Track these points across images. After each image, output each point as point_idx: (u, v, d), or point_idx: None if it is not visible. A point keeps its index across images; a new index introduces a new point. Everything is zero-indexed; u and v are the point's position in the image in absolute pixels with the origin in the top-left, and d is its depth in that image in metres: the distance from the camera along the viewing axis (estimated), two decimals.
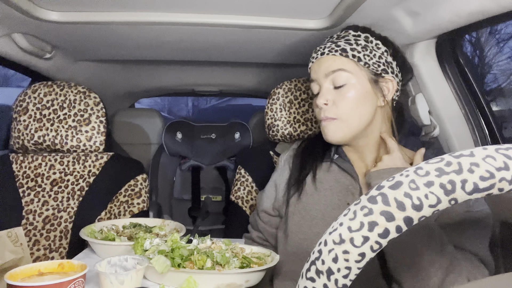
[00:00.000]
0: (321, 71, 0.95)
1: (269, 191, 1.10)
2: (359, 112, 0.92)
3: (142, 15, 1.19)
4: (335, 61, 0.93)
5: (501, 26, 3.72)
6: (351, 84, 0.92)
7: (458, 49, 1.17)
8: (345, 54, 0.92)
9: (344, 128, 0.93)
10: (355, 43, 0.94)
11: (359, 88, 0.92)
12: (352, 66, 0.92)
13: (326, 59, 0.95)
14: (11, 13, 1.10)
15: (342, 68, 0.92)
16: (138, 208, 1.28)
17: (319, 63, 0.96)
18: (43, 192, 1.29)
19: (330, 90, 0.94)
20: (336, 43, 0.94)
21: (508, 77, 3.86)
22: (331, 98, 0.93)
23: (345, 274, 0.37)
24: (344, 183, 0.96)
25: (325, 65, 0.94)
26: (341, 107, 0.92)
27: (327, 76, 0.94)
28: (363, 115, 0.93)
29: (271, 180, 1.11)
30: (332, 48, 0.94)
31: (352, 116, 0.92)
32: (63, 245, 1.27)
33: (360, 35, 0.95)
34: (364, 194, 0.93)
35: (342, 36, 0.97)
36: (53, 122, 1.30)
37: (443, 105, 1.18)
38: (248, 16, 1.20)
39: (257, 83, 2.27)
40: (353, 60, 0.92)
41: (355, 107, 0.92)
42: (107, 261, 0.78)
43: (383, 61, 0.94)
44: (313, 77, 0.97)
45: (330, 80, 0.94)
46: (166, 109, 10.74)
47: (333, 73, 0.93)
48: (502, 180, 0.35)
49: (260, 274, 0.83)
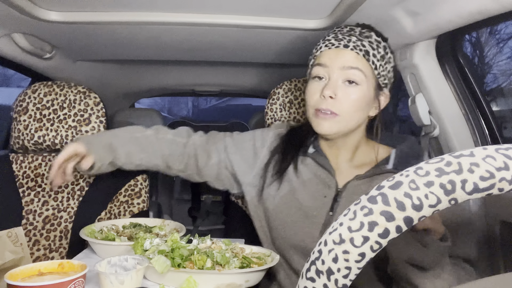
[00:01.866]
0: (338, 61, 0.92)
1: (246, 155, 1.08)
2: (358, 115, 0.94)
3: (142, 15, 1.19)
4: (357, 59, 0.92)
5: (501, 26, 3.72)
6: (361, 87, 0.92)
7: (458, 49, 1.17)
8: (367, 58, 0.92)
9: (341, 126, 0.93)
10: (377, 49, 0.94)
11: (366, 93, 0.93)
12: (368, 71, 0.93)
13: (348, 52, 0.93)
14: (11, 13, 1.10)
15: (360, 69, 0.92)
16: (138, 208, 1.28)
17: (338, 52, 0.93)
18: (43, 192, 1.29)
19: (339, 84, 0.92)
20: (361, 41, 0.93)
21: (508, 77, 3.86)
22: (339, 92, 0.92)
23: (345, 274, 0.37)
24: (320, 176, 0.98)
25: (345, 58, 0.92)
26: (345, 105, 0.92)
27: (343, 69, 0.92)
28: (359, 118, 0.95)
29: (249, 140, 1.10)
30: (357, 45, 0.92)
31: (351, 117, 0.93)
32: (63, 245, 1.27)
33: (380, 42, 0.95)
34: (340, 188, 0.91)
35: (366, 36, 0.94)
36: (53, 122, 1.30)
37: (443, 105, 1.18)
38: (248, 16, 1.20)
39: (257, 83, 2.27)
40: (371, 66, 0.93)
41: (356, 109, 0.93)
42: (107, 261, 0.78)
43: (389, 76, 0.96)
44: (325, 62, 0.94)
45: (344, 74, 0.92)
46: (166, 109, 10.74)
47: (350, 69, 0.92)
48: (502, 180, 0.35)
49: (260, 274, 0.83)
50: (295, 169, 1.01)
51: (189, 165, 1.13)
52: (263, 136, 1.09)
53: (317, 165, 0.99)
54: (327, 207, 0.95)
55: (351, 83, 0.92)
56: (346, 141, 0.99)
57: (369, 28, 0.97)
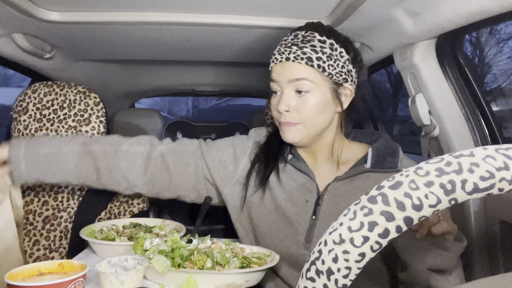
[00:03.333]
0: (284, 76, 0.93)
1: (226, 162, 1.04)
2: (320, 119, 0.94)
3: (142, 15, 1.19)
4: (300, 69, 0.92)
5: (501, 26, 3.72)
6: (314, 93, 0.92)
7: (458, 49, 1.17)
8: (311, 64, 0.91)
9: (304, 132, 0.94)
10: (321, 51, 0.92)
11: (321, 97, 0.93)
12: (316, 76, 0.92)
13: (291, 65, 0.92)
14: (11, 13, 1.10)
15: (306, 78, 0.91)
16: (138, 208, 1.28)
17: (283, 67, 0.94)
18: (43, 192, 1.29)
19: (291, 96, 0.93)
20: (302, 49, 0.92)
21: (508, 77, 3.86)
22: (293, 104, 0.93)
23: (345, 274, 0.37)
24: (301, 181, 0.98)
25: (289, 71, 0.92)
26: (302, 113, 0.92)
27: (290, 82, 0.92)
28: (323, 121, 0.95)
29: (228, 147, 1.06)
30: (297, 55, 0.91)
31: (312, 122, 0.94)
32: (63, 245, 1.27)
33: (325, 41, 0.93)
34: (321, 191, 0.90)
35: (308, 40, 0.93)
36: (53, 122, 1.30)
37: (443, 105, 1.18)
38: (248, 16, 1.20)
39: (257, 83, 2.27)
40: (318, 70, 0.92)
41: (316, 115, 0.93)
42: (107, 261, 0.78)
43: (344, 70, 0.94)
44: (275, 78, 0.95)
45: (292, 86, 0.93)
46: (166, 109, 10.75)
47: (296, 81, 0.92)
48: (502, 180, 0.35)
49: (260, 274, 0.83)
50: (276, 177, 1.00)
51: (157, 178, 1.05)
52: (243, 143, 1.07)
53: (297, 171, 0.99)
54: (309, 212, 0.95)
55: (302, 92, 0.92)
56: (320, 143, 0.99)
57: (313, 28, 0.95)
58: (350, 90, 0.96)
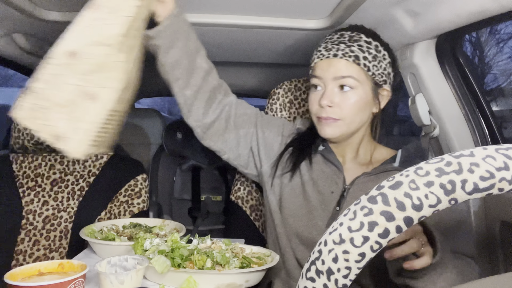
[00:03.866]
0: (330, 72, 0.96)
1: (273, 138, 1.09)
2: (359, 117, 0.98)
3: None
4: (347, 67, 0.95)
5: (501, 26, 3.72)
6: (357, 91, 0.95)
7: (458, 49, 1.17)
8: (357, 62, 0.95)
9: (344, 129, 0.98)
10: (367, 51, 0.96)
11: (363, 95, 0.96)
12: (361, 75, 0.95)
13: (338, 61, 0.96)
14: (11, 13, 1.10)
15: (352, 76, 0.95)
16: (138, 208, 1.28)
17: (329, 63, 0.97)
18: (43, 192, 1.29)
19: (335, 92, 0.96)
20: (350, 47, 0.95)
21: (508, 77, 3.86)
22: (336, 100, 0.96)
23: (345, 274, 0.37)
24: (329, 172, 1.02)
25: (336, 67, 0.96)
26: (344, 110, 0.96)
27: (336, 79, 0.96)
28: (361, 120, 0.99)
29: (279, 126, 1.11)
30: (345, 53, 0.95)
31: (353, 120, 0.97)
32: (63, 245, 1.27)
33: (371, 42, 0.97)
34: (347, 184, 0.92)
35: (355, 40, 0.97)
36: None
37: (443, 105, 1.18)
38: (248, 16, 1.20)
39: (257, 83, 2.27)
40: (363, 69, 0.95)
41: (357, 112, 0.97)
42: (107, 261, 0.78)
43: (386, 72, 0.99)
44: (319, 74, 0.98)
45: (337, 83, 0.96)
46: (166, 109, 10.74)
47: (342, 78, 0.95)
48: (502, 180, 0.35)
49: (260, 274, 0.83)
50: (307, 165, 1.04)
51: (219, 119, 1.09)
52: (290, 128, 1.12)
53: (326, 162, 1.03)
54: (334, 202, 0.98)
55: (345, 88, 0.95)
56: (350, 141, 1.02)
57: (359, 30, 0.99)
58: (387, 92, 1.00)
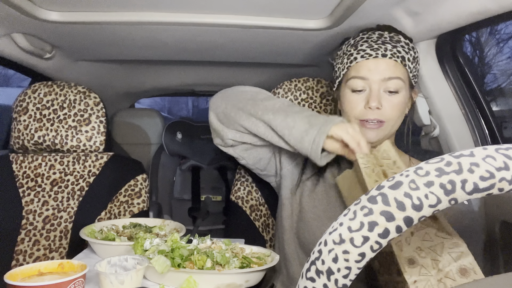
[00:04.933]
0: (378, 72, 0.93)
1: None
2: (400, 119, 0.97)
3: (142, 15, 1.19)
4: (396, 68, 0.93)
5: (501, 26, 3.72)
6: (402, 93, 0.94)
7: (458, 49, 1.17)
8: (404, 63, 0.93)
9: (386, 132, 0.95)
10: (409, 52, 0.95)
11: (405, 97, 0.95)
12: (406, 76, 0.94)
13: (386, 62, 0.93)
14: (11, 13, 1.10)
15: (399, 77, 0.92)
16: (138, 208, 1.28)
17: (377, 63, 0.93)
18: (43, 192, 1.29)
19: (382, 94, 0.93)
20: (396, 48, 0.94)
21: (508, 77, 3.85)
22: (384, 103, 0.93)
23: (345, 274, 0.37)
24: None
25: (384, 67, 0.93)
26: (391, 112, 0.93)
27: (383, 81, 0.92)
28: (400, 122, 0.97)
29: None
30: (394, 53, 0.93)
31: (396, 122, 0.96)
32: (63, 245, 1.27)
33: (409, 43, 0.96)
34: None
35: (396, 40, 0.95)
36: (53, 122, 1.30)
37: (443, 105, 1.18)
38: (248, 16, 1.20)
39: (257, 83, 2.27)
40: (407, 71, 0.94)
41: (400, 115, 0.95)
42: (107, 261, 0.78)
43: (417, 74, 0.99)
44: (364, 75, 0.94)
45: (384, 84, 0.93)
46: (166, 109, 10.73)
47: (390, 80, 0.92)
48: (502, 180, 0.35)
49: (260, 274, 0.83)
50: (332, 170, 1.02)
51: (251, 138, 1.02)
52: None
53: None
54: None
55: (393, 92, 0.93)
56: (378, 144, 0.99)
57: (394, 30, 0.98)
58: (415, 94, 1.00)
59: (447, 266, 0.68)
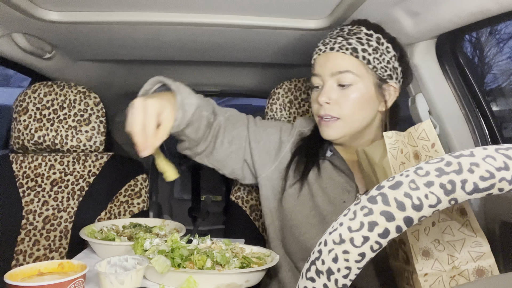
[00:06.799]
0: (327, 68, 0.91)
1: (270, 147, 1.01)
2: (361, 115, 0.92)
3: (142, 15, 1.19)
4: (344, 60, 0.90)
5: (501, 26, 3.72)
6: (357, 87, 0.90)
7: (458, 49, 1.17)
8: (355, 55, 0.90)
9: (345, 128, 0.92)
10: (367, 44, 0.91)
11: (364, 91, 0.91)
12: (360, 69, 0.90)
13: (335, 55, 0.91)
14: (11, 13, 1.10)
15: (350, 70, 0.90)
16: (138, 208, 1.28)
17: (326, 58, 0.92)
18: (43, 192, 1.29)
19: (333, 88, 0.91)
20: (347, 40, 0.91)
21: (508, 77, 3.86)
22: (334, 97, 0.91)
23: (345, 274, 0.37)
24: (339, 180, 0.96)
25: (333, 62, 0.91)
26: (344, 107, 0.91)
27: (333, 75, 0.91)
28: (364, 118, 0.93)
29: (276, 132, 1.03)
30: (342, 45, 0.90)
31: (354, 118, 0.92)
32: (63, 245, 1.27)
33: (372, 34, 0.92)
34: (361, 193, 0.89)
35: (354, 33, 0.92)
36: (53, 122, 1.30)
37: (443, 105, 1.18)
38: (248, 16, 1.20)
39: (257, 83, 2.27)
40: (362, 62, 0.90)
41: (358, 110, 0.91)
42: (107, 261, 0.78)
43: (390, 67, 0.93)
44: (317, 71, 0.93)
45: (335, 79, 0.91)
46: None
47: (339, 74, 0.90)
48: (502, 180, 0.35)
49: (260, 274, 0.83)
50: (316, 173, 0.98)
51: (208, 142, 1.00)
52: (289, 131, 1.05)
53: (335, 169, 0.97)
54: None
55: (346, 85, 0.90)
56: (359, 142, 0.96)
57: (360, 23, 0.95)
58: (394, 88, 0.94)
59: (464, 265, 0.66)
